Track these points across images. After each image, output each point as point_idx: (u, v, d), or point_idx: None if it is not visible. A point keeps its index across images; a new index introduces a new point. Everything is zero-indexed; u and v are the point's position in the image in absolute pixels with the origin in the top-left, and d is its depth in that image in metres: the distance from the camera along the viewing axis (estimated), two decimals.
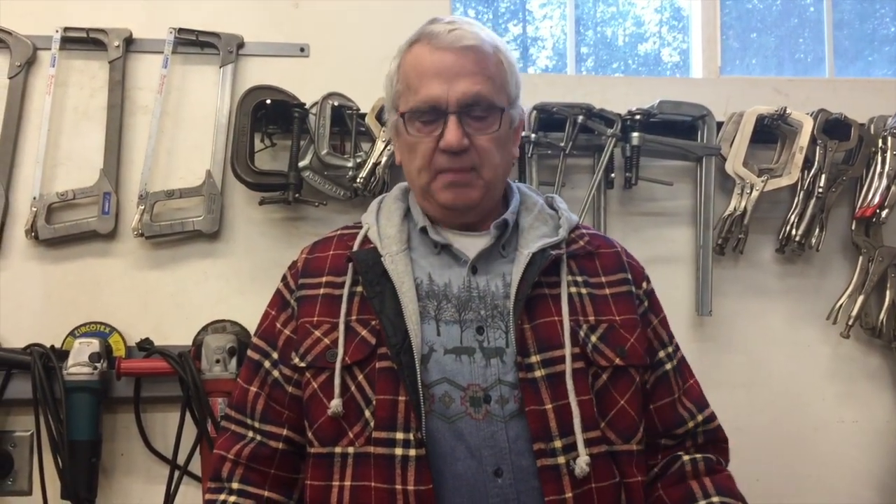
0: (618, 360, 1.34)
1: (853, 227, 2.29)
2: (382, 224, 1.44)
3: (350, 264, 1.38)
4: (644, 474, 1.36)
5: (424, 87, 1.31)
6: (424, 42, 1.34)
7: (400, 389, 1.26)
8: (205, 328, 2.08)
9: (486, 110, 1.33)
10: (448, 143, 1.30)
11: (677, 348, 1.49)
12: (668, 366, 1.44)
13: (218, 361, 1.99)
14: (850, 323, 2.22)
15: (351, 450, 1.29)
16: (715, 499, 1.35)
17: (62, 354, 1.98)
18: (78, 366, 1.94)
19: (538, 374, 1.28)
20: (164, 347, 2.02)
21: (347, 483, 1.28)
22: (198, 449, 2.00)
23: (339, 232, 1.51)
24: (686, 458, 1.40)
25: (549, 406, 1.27)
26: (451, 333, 1.31)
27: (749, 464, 2.26)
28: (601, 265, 1.44)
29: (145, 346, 2.03)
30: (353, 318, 1.34)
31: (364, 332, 1.32)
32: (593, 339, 1.34)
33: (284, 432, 1.39)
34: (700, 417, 1.44)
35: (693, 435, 1.43)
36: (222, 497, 1.37)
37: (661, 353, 1.45)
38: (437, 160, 1.33)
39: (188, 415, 1.99)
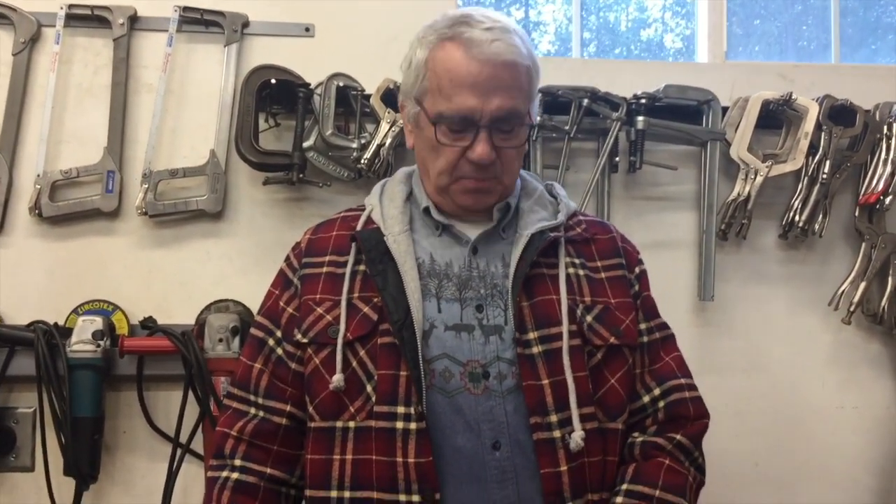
0: (613, 339, 1.37)
1: (856, 214, 2.28)
2: (385, 205, 1.46)
3: (353, 244, 1.40)
4: (618, 455, 1.37)
5: (459, 96, 1.30)
6: (460, 45, 1.31)
7: (401, 364, 1.29)
8: (208, 307, 2.08)
9: (515, 123, 1.34)
10: (479, 157, 1.32)
11: (659, 328, 1.48)
12: (643, 339, 1.44)
13: (221, 340, 1.99)
14: (851, 309, 2.22)
15: (352, 424, 1.31)
16: (624, 486, 1.34)
17: (65, 332, 1.98)
18: (81, 343, 1.94)
19: (535, 350, 1.32)
20: (167, 326, 2.02)
21: (349, 456, 1.30)
22: (200, 427, 2.00)
23: (342, 214, 1.54)
24: (629, 440, 1.40)
25: (545, 381, 1.30)
26: (452, 311, 1.34)
27: (749, 448, 2.28)
28: (597, 250, 1.47)
29: (148, 325, 2.04)
30: (356, 295, 1.37)
31: (366, 309, 1.35)
32: (589, 318, 1.37)
33: (288, 408, 1.40)
34: (657, 391, 1.41)
35: (654, 411, 1.41)
36: (225, 474, 1.38)
37: (639, 327, 1.45)
38: (461, 167, 1.35)
39: (191, 393, 1.99)
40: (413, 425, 1.26)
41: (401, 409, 1.28)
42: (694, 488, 1.38)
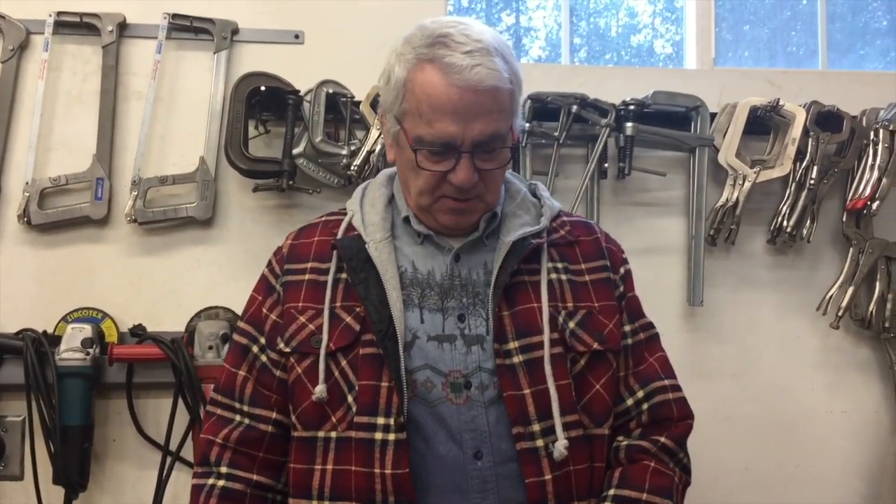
0: (596, 345, 1.37)
1: (844, 219, 2.30)
2: (366, 211, 1.45)
3: (335, 251, 1.39)
4: (606, 460, 1.38)
5: (439, 122, 1.27)
6: (440, 69, 1.27)
7: (383, 375, 1.29)
8: (198, 314, 2.08)
9: (497, 145, 1.32)
10: (460, 181, 1.29)
11: (644, 329, 1.47)
12: (627, 341, 1.43)
13: (211, 348, 1.99)
14: (839, 314, 2.23)
15: (333, 434, 1.31)
16: (611, 492, 1.33)
17: (54, 340, 1.98)
18: (70, 351, 1.94)
19: (516, 360, 1.31)
20: (156, 333, 2.02)
21: (329, 467, 1.30)
22: (190, 435, 2.00)
23: (324, 218, 1.52)
24: (614, 444, 1.40)
25: (527, 391, 1.30)
26: (435, 321, 1.34)
27: (738, 453, 2.29)
28: (581, 252, 1.45)
29: (138, 332, 2.03)
30: (338, 304, 1.36)
31: (348, 319, 1.34)
32: (571, 324, 1.37)
33: (274, 415, 1.40)
34: (641, 394, 1.41)
35: (637, 414, 1.40)
36: (210, 481, 1.37)
37: (624, 328, 1.44)
38: (443, 188, 1.33)
39: (181, 401, 1.99)
40: (392, 436, 1.26)
41: (381, 420, 1.28)
42: (680, 489, 1.38)
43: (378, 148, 2.04)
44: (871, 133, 2.24)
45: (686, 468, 1.41)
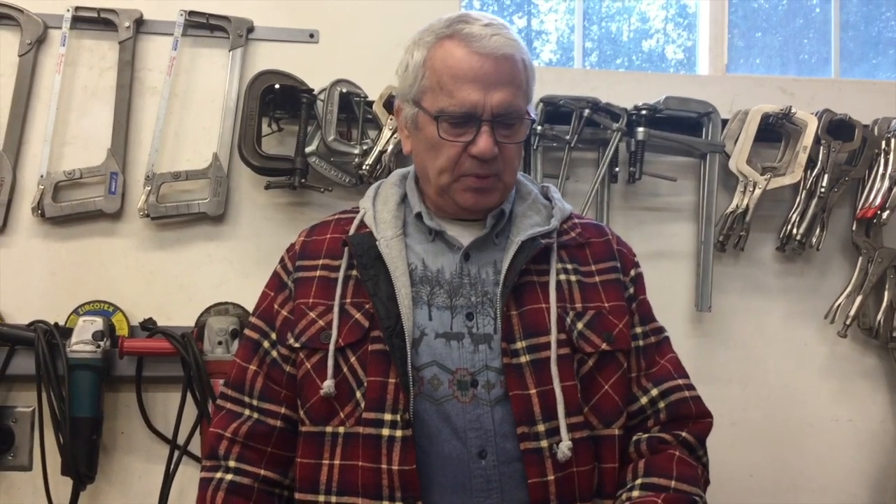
0: (604, 346, 1.37)
1: (854, 228, 2.30)
2: (378, 209, 1.46)
3: (346, 248, 1.40)
4: (617, 461, 1.37)
5: (461, 91, 1.30)
6: (460, 41, 1.32)
7: (390, 372, 1.30)
8: (208, 310, 2.09)
9: (515, 118, 1.35)
10: (481, 151, 1.31)
11: (655, 332, 1.48)
12: (638, 343, 1.44)
13: (220, 343, 2.00)
14: (847, 323, 2.23)
15: (341, 429, 1.32)
16: (638, 481, 1.34)
17: (65, 332, 1.98)
18: (81, 343, 1.95)
19: (523, 359, 1.32)
20: (166, 328, 2.03)
21: (337, 462, 1.31)
22: (198, 429, 2.01)
23: (336, 216, 1.53)
24: (635, 438, 1.40)
25: (533, 391, 1.30)
26: (443, 319, 1.35)
27: (743, 459, 2.29)
28: (591, 254, 1.46)
29: (148, 326, 2.04)
30: (348, 300, 1.37)
31: (358, 315, 1.35)
32: (579, 325, 1.37)
33: (282, 410, 1.41)
34: (655, 392, 1.41)
35: (655, 412, 1.41)
36: (219, 475, 1.39)
37: (635, 330, 1.45)
38: (463, 164, 1.34)
39: (189, 395, 2.00)
40: (399, 433, 1.27)
41: (388, 417, 1.28)
42: (702, 484, 1.38)
43: (390, 148, 2.05)
44: (883, 142, 2.25)
45: (706, 466, 1.41)
